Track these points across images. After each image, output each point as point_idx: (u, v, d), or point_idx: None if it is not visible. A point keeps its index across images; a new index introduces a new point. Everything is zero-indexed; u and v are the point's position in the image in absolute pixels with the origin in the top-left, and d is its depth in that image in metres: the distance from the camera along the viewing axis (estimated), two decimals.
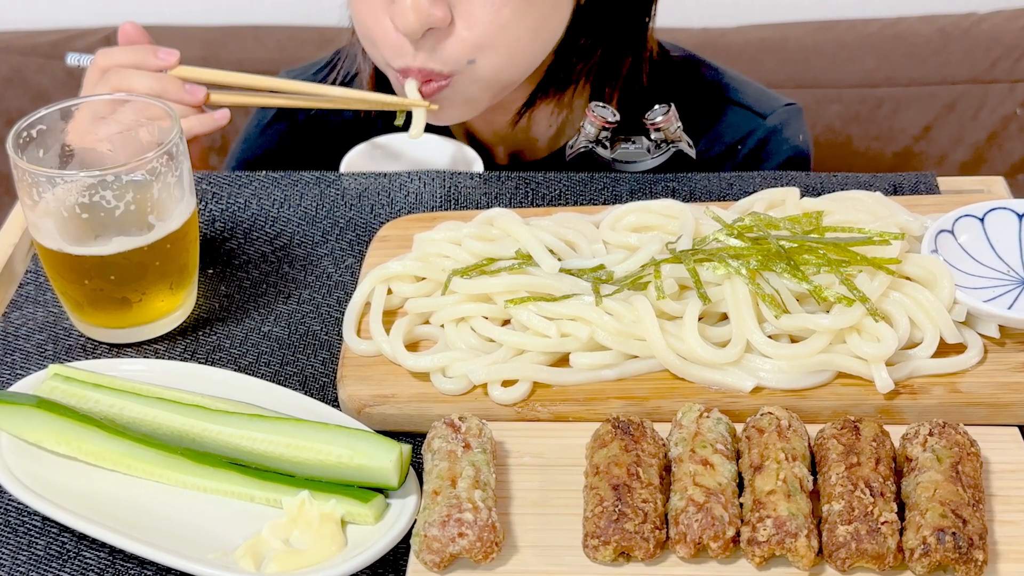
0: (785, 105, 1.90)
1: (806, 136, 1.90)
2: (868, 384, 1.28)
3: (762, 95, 1.93)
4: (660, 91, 1.83)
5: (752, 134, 1.87)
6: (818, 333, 1.29)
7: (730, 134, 1.88)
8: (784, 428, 1.19)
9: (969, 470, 1.15)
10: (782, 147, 1.87)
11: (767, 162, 1.86)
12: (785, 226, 1.38)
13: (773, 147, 1.87)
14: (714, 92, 1.91)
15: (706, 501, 1.13)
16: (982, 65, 2.56)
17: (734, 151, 1.87)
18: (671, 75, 1.90)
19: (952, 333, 1.31)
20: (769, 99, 1.92)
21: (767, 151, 1.87)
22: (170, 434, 1.25)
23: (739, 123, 1.89)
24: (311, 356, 1.42)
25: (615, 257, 1.40)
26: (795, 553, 1.11)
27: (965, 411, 1.27)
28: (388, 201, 1.62)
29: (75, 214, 1.36)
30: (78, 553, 1.21)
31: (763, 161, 1.86)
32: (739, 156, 1.86)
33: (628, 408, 1.29)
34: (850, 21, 2.63)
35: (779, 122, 1.88)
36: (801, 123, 1.91)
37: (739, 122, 1.89)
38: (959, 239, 1.40)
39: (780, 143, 1.87)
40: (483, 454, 1.20)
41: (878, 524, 1.11)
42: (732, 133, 1.88)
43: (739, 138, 1.87)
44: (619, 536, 1.12)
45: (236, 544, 1.17)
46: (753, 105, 1.90)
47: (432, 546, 1.12)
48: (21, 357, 1.43)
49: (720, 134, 1.87)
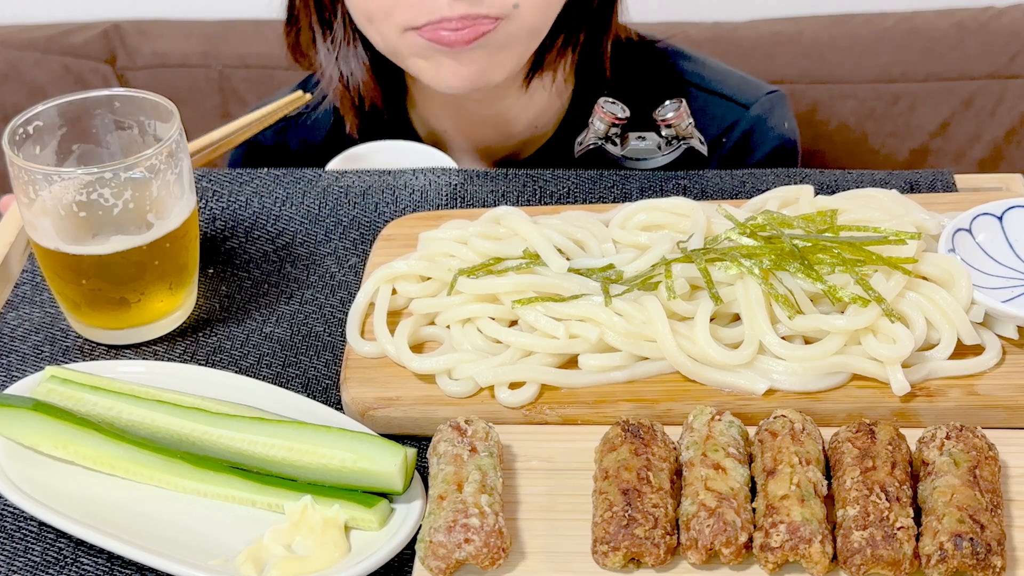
0: (767, 93, 1.91)
1: (791, 124, 1.91)
2: (884, 386, 1.28)
3: (744, 83, 1.93)
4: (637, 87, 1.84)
5: (736, 125, 1.88)
6: (832, 334, 1.29)
7: (714, 126, 1.88)
8: (798, 431, 1.19)
9: (987, 474, 1.14)
10: (767, 137, 1.88)
11: (753, 153, 1.87)
12: (799, 225, 1.38)
13: (758, 138, 1.88)
14: (694, 84, 1.91)
15: (718, 506, 1.12)
16: (1001, 60, 2.55)
17: (719, 144, 1.87)
18: (648, 65, 1.90)
19: (970, 334, 1.30)
20: (751, 87, 1.92)
21: (753, 142, 1.87)
22: (170, 437, 1.25)
23: (722, 114, 1.89)
24: (314, 358, 1.41)
25: (625, 256, 1.40)
26: (809, 559, 1.10)
27: (983, 414, 1.26)
28: (392, 199, 1.62)
29: (72, 212, 1.36)
30: (76, 559, 1.21)
31: (749, 153, 1.87)
32: (724, 149, 1.87)
33: (638, 411, 1.29)
34: (866, 15, 2.64)
35: (763, 111, 1.89)
36: (786, 110, 1.91)
37: (722, 113, 1.89)
38: (977, 238, 1.40)
39: (765, 133, 1.88)
40: (490, 458, 1.19)
41: (894, 529, 1.10)
42: (716, 125, 1.89)
43: (723, 130, 1.88)
44: (629, 542, 1.12)
45: (237, 550, 1.17)
46: (735, 95, 1.90)
47: (438, 552, 1.12)
48: (17, 359, 1.42)
49: (703, 127, 1.85)
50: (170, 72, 2.68)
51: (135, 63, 2.67)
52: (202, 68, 2.67)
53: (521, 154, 1.92)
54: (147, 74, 2.67)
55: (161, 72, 2.68)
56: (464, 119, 1.89)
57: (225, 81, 2.67)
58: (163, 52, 2.67)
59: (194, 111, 2.65)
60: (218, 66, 2.66)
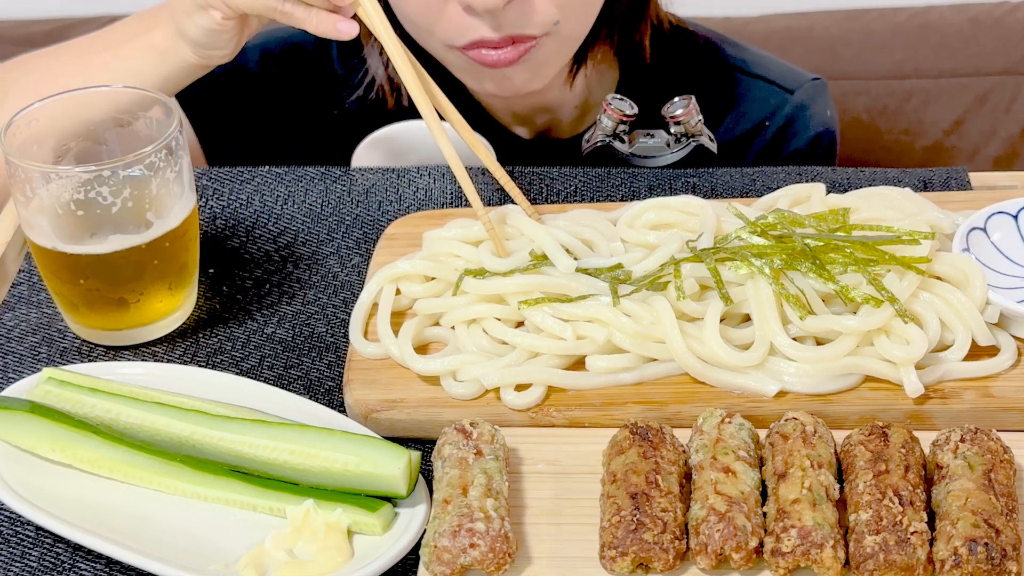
0: (812, 80, 1.92)
1: (833, 112, 1.92)
2: (897, 388, 1.28)
3: (787, 71, 1.95)
4: (681, 71, 1.86)
5: (779, 110, 1.88)
6: (845, 335, 1.29)
7: (756, 111, 1.89)
8: (809, 434, 1.18)
9: (1002, 478, 1.14)
10: (810, 123, 1.88)
11: (795, 138, 1.87)
12: (810, 223, 1.38)
13: (801, 124, 1.88)
14: (738, 68, 1.93)
15: (728, 510, 1.12)
16: (1016, 55, 2.57)
17: (761, 128, 1.88)
18: (692, 55, 1.92)
19: (984, 335, 1.30)
20: (795, 74, 1.93)
21: (795, 127, 1.88)
22: (169, 440, 1.24)
23: (765, 99, 1.90)
24: (316, 359, 1.41)
25: (633, 256, 1.40)
26: (821, 564, 1.10)
27: (998, 416, 1.26)
28: (396, 197, 1.62)
29: (70, 211, 1.36)
30: (73, 564, 1.21)
31: (791, 138, 1.88)
32: (768, 133, 1.88)
33: (647, 413, 1.28)
34: (878, 10, 2.66)
35: (806, 98, 1.89)
36: (827, 99, 1.93)
37: (765, 97, 1.90)
38: (992, 237, 1.40)
39: (807, 119, 1.88)
40: (495, 461, 1.19)
41: (907, 534, 1.10)
42: (758, 110, 1.89)
43: (766, 115, 1.88)
44: (637, 547, 1.11)
45: (238, 555, 1.16)
46: (778, 80, 1.91)
47: (443, 557, 1.12)
48: (14, 360, 1.42)
49: (745, 111, 1.88)
50: None
51: None
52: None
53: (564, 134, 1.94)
54: None
55: None
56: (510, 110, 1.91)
57: None
58: None
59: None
60: None
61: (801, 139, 1.86)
